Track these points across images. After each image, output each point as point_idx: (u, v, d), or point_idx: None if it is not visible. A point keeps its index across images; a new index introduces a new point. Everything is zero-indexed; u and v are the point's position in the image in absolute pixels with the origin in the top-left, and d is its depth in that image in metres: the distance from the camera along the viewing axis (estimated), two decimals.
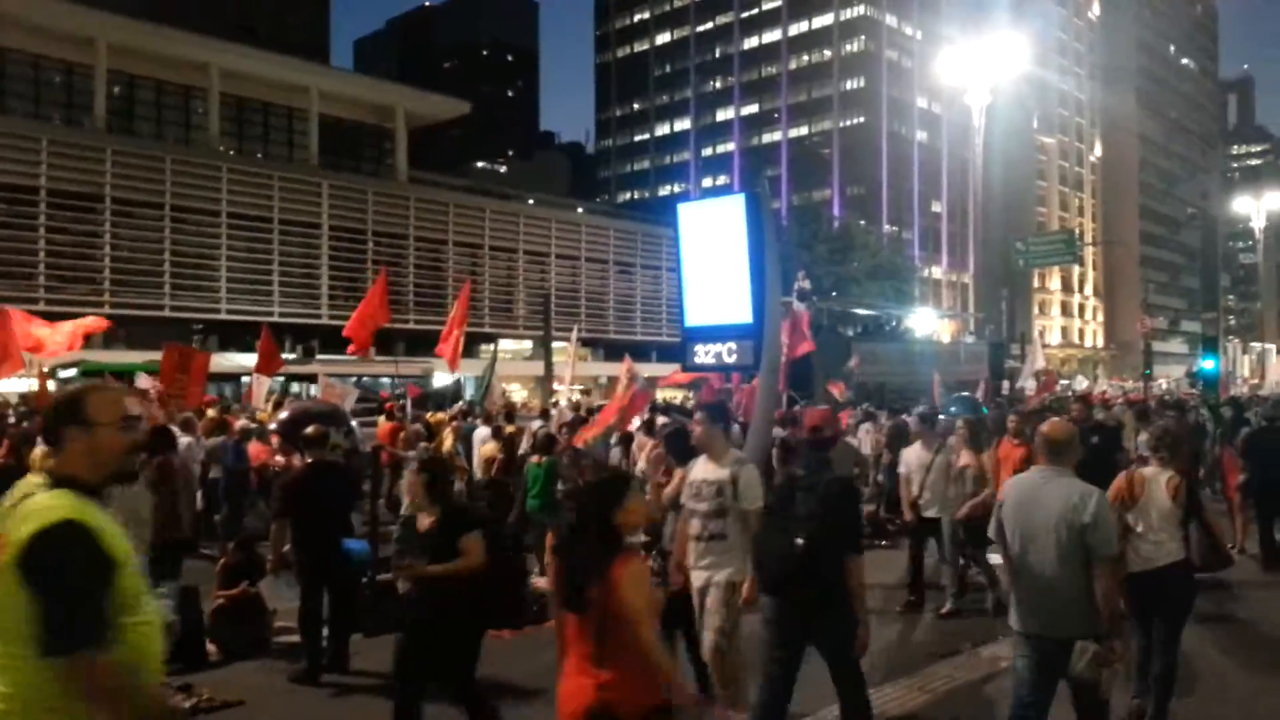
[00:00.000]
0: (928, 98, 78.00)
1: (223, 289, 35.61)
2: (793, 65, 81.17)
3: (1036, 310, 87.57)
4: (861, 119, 76.82)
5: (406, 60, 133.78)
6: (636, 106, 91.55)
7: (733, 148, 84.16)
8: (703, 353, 13.58)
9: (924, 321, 49.98)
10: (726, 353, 12.92)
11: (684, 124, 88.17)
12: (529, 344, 42.91)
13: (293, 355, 28.91)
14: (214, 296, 35.32)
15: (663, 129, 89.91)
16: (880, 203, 74.45)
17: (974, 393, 18.56)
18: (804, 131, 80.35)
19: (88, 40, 35.27)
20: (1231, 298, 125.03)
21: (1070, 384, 42.83)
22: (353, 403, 15.34)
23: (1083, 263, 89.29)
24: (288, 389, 25.05)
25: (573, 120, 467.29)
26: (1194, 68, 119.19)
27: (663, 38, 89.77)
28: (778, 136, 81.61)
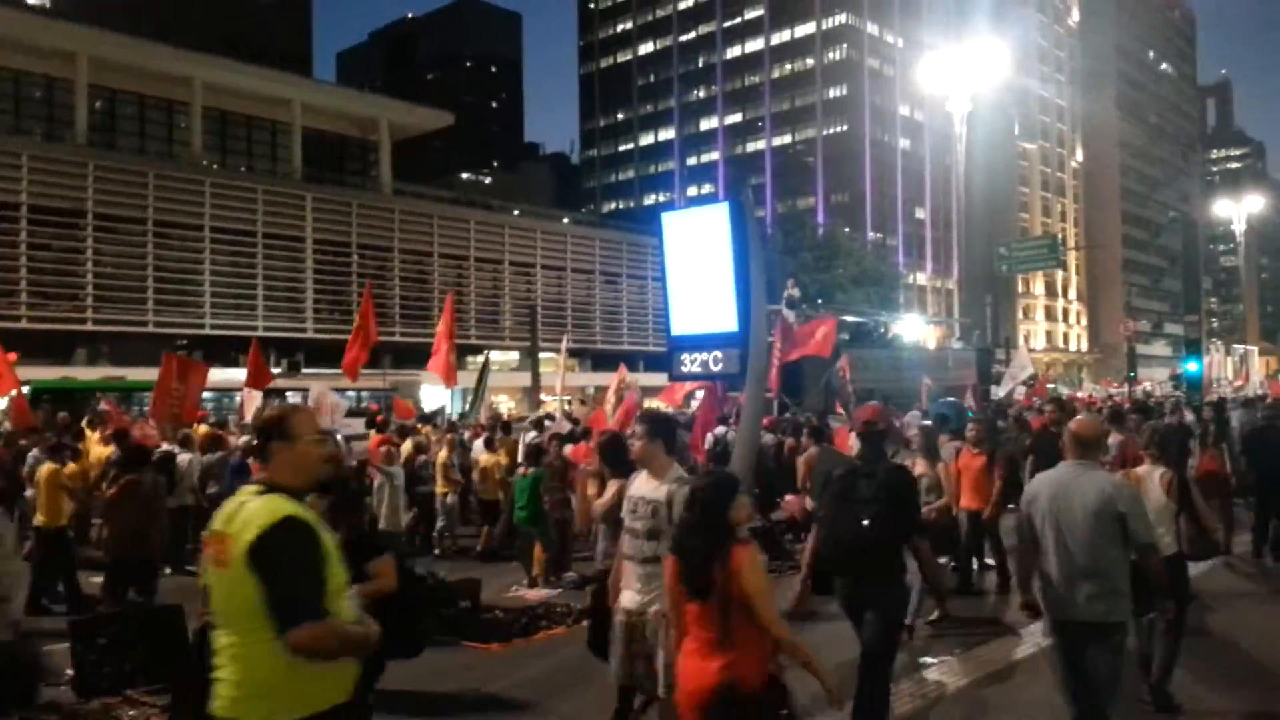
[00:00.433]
0: (910, 105, 78.49)
1: (207, 304, 35.41)
2: (775, 74, 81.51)
3: (1021, 315, 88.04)
4: (844, 127, 77.17)
5: (390, 72, 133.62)
6: (621, 116, 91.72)
7: (717, 157, 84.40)
8: (689, 362, 13.59)
9: (911, 327, 50.07)
10: (712, 361, 12.94)
11: (668, 133, 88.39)
12: (516, 355, 42.84)
13: (278, 369, 28.74)
14: (198, 312, 35.11)
15: (647, 139, 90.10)
16: (864, 210, 74.76)
17: (961, 398, 18.60)
18: (787, 140, 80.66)
19: (69, 55, 35.12)
20: (1214, 300, 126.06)
21: (1054, 388, 42.99)
22: (341, 416, 15.24)
23: (1066, 267, 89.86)
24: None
25: (557, 131, 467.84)
26: (1173, 72, 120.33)
27: (646, 48, 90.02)
28: (761, 145, 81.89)
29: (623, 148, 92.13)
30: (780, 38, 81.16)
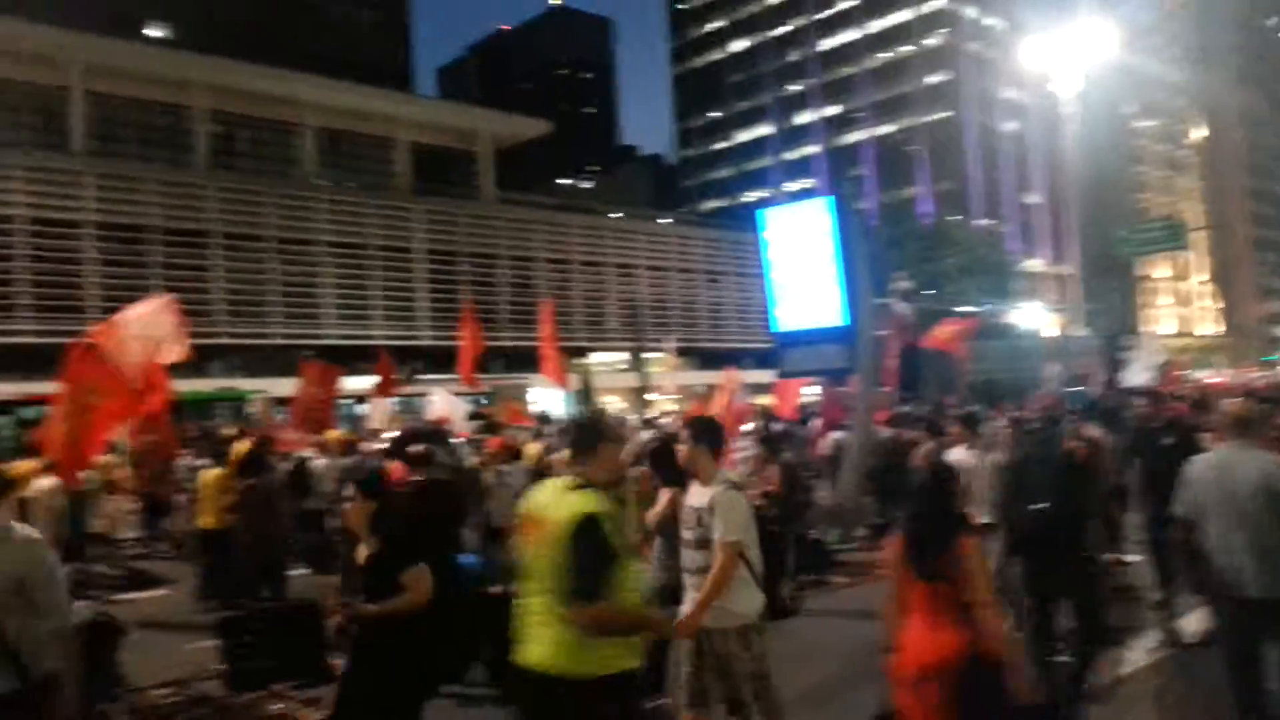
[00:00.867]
0: (1016, 87, 75.95)
1: (327, 315, 36.91)
2: (873, 63, 80.00)
3: (1147, 299, 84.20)
4: (946, 113, 75.19)
5: (487, 84, 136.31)
6: (716, 115, 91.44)
7: (815, 150, 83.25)
8: (796, 358, 13.44)
9: (1029, 316, 48.35)
10: (821, 356, 12.76)
11: (764, 129, 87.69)
12: (623, 356, 43.19)
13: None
14: (318, 323, 36.60)
15: (743, 136, 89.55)
16: (972, 197, 72.69)
17: (1086, 387, 17.89)
18: (888, 129, 79.03)
19: (188, 84, 36.91)
20: None
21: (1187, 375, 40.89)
22: (464, 420, 15.54)
23: (1192, 248, 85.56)
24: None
25: (652, 133, 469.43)
26: None
27: (738, 45, 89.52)
28: (861, 136, 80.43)
29: (719, 146, 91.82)
30: (875, 26, 79.63)
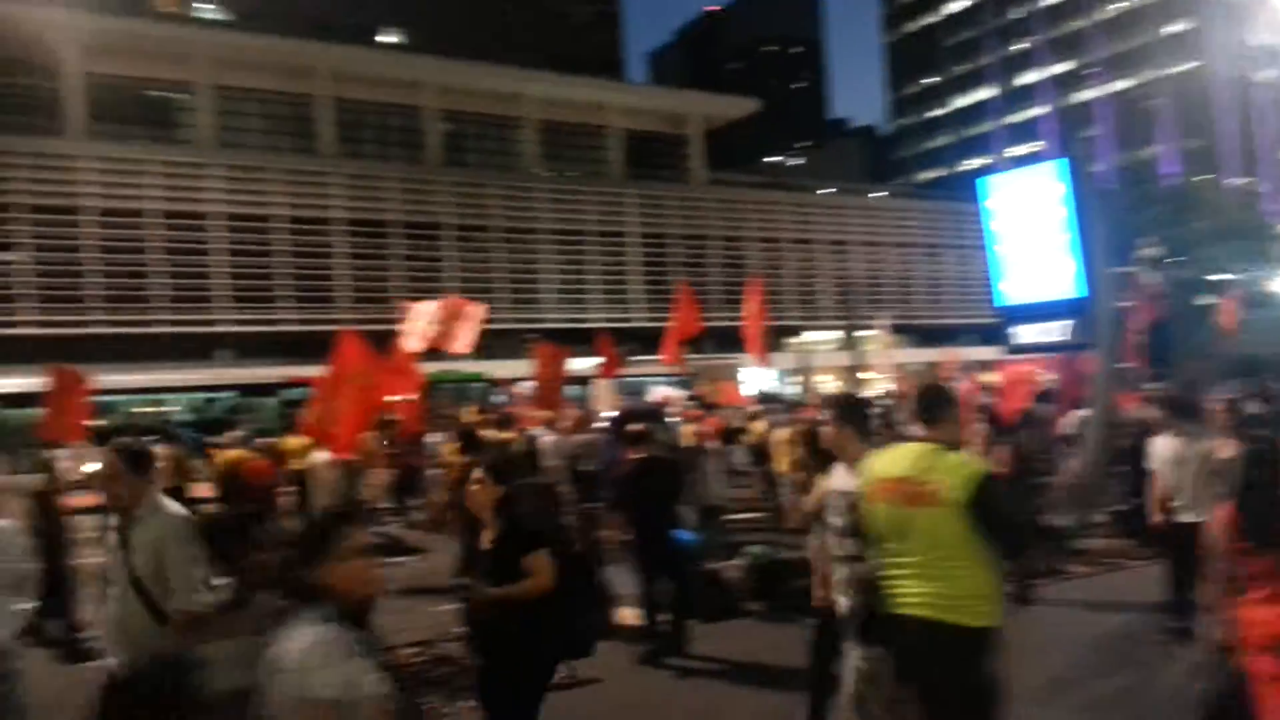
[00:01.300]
0: (1270, 32, 67.95)
1: (547, 300, 38.59)
2: (1105, 15, 73.97)
3: None
4: (1190, 64, 68.43)
5: (696, 67, 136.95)
6: (931, 80, 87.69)
7: (1040, 112, 78.06)
8: (1025, 333, 12.70)
9: None
10: (1053, 331, 11.98)
11: (984, 93, 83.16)
12: (836, 334, 42.51)
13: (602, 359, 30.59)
14: (539, 307, 38.30)
15: (961, 101, 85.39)
16: (1224, 155, 65.92)
17: None
18: (1124, 85, 72.92)
19: (418, 84, 39.35)
20: None
21: None
22: (685, 401, 15.80)
23: None
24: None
25: (864, 104, 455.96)
26: None
27: (953, 6, 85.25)
28: (1093, 94, 74.66)
29: (935, 113, 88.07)
30: None
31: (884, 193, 58.05)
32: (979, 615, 3.57)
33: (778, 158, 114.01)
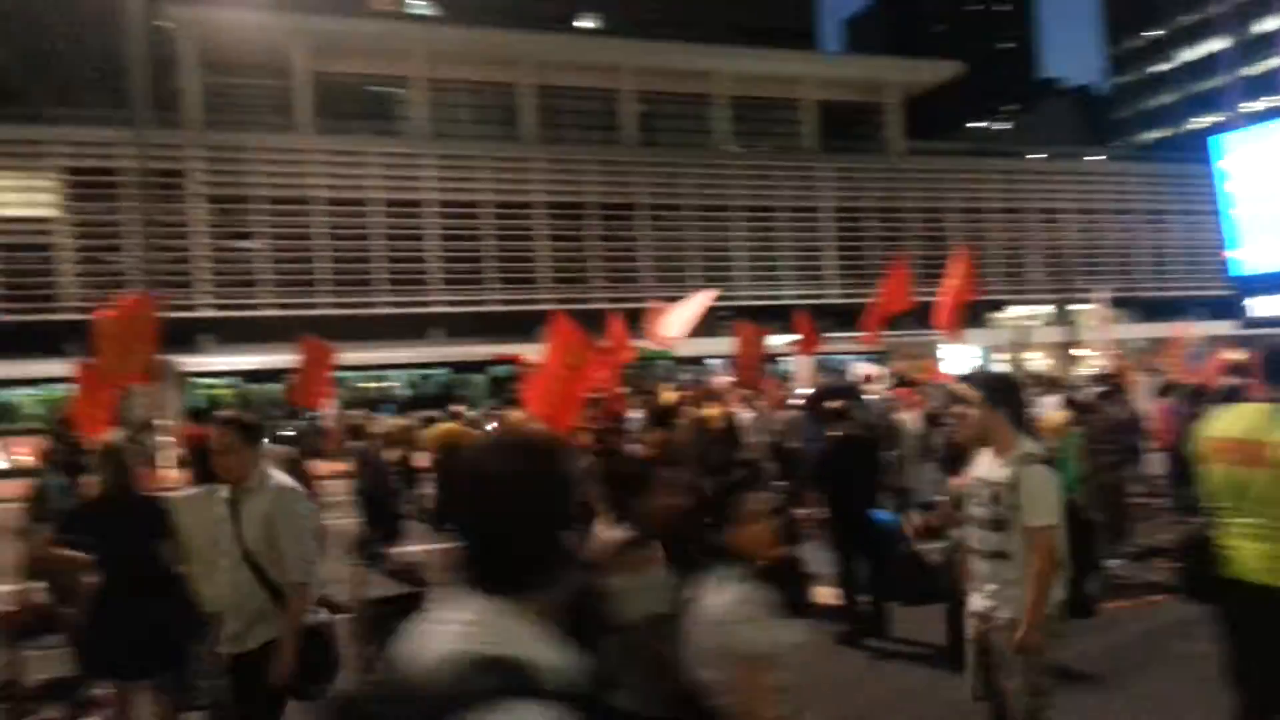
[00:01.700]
0: None
1: (740, 277, 38.64)
2: None
3: None
4: None
5: (897, 30, 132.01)
6: (1154, 33, 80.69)
7: None
8: (1263, 305, 11.64)
9: None
10: None
11: (1215, 44, 75.71)
12: (1046, 309, 40.23)
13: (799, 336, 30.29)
14: (733, 284, 38.44)
15: (1188, 54, 78.11)
16: None
17: None
18: None
19: (615, 67, 40.08)
20: None
21: None
22: (886, 379, 15.53)
23: None
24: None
25: (1077, 62, 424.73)
26: None
27: None
28: None
29: (1158, 68, 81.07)
30: None
31: (1101, 156, 54.10)
32: None
33: (982, 123, 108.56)
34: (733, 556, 2.82)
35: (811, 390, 12.93)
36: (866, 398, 14.02)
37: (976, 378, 4.67)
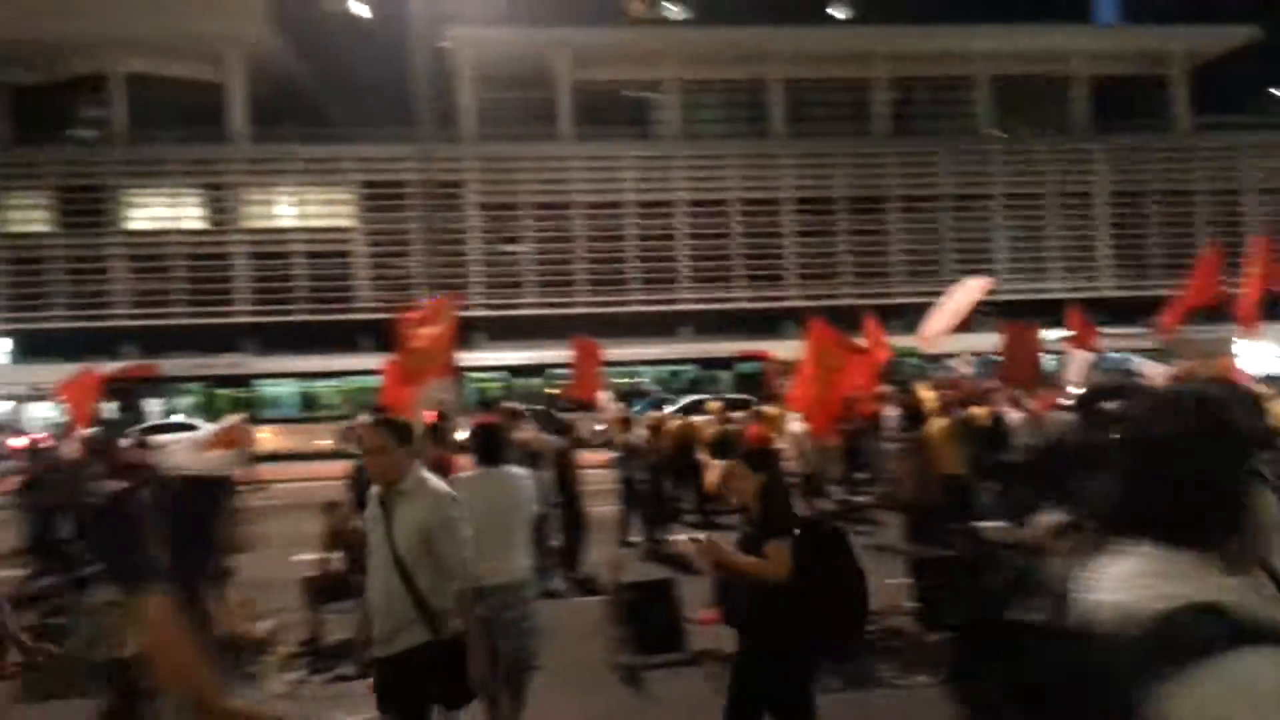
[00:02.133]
0: None
1: (1001, 269, 36.74)
2: None
3: None
4: None
5: None
6: None
7: None
8: None
9: None
10: None
11: None
12: None
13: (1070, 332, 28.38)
14: (992, 277, 36.63)
15: None
16: None
17: None
18: None
19: (868, 56, 39.13)
20: None
21: None
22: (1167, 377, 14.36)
23: None
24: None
25: None
26: None
27: None
28: None
29: None
30: None
31: None
32: None
33: None
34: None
35: (1084, 390, 12.17)
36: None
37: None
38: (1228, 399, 1.58)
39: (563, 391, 14.53)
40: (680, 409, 20.19)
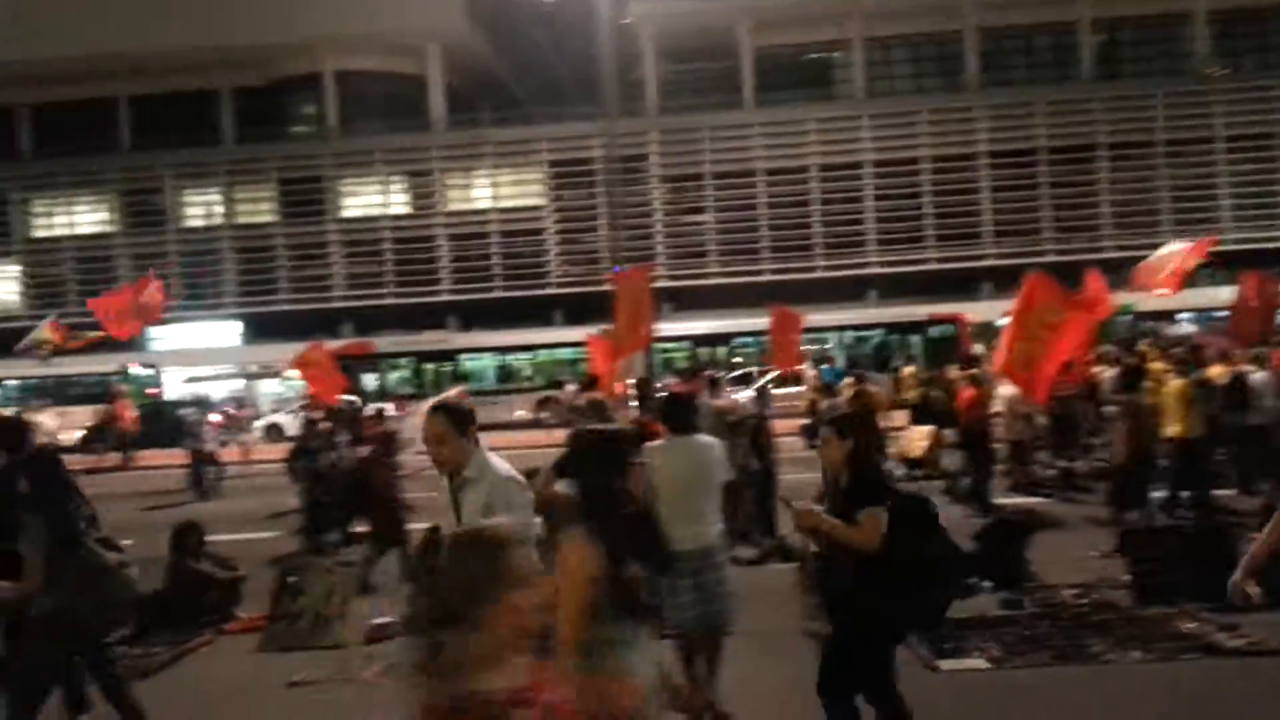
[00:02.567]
0: None
1: (1226, 218, 33.83)
2: None
3: None
4: None
5: None
6: None
7: None
8: None
9: None
10: None
11: None
12: None
13: None
14: (1216, 226, 33.75)
15: None
16: None
17: None
18: None
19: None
20: None
21: None
22: None
23: None
24: None
25: None
26: None
27: None
28: None
29: None
30: None
31: None
32: None
33: None
34: None
35: None
36: None
37: None
38: None
39: (766, 362, 14.61)
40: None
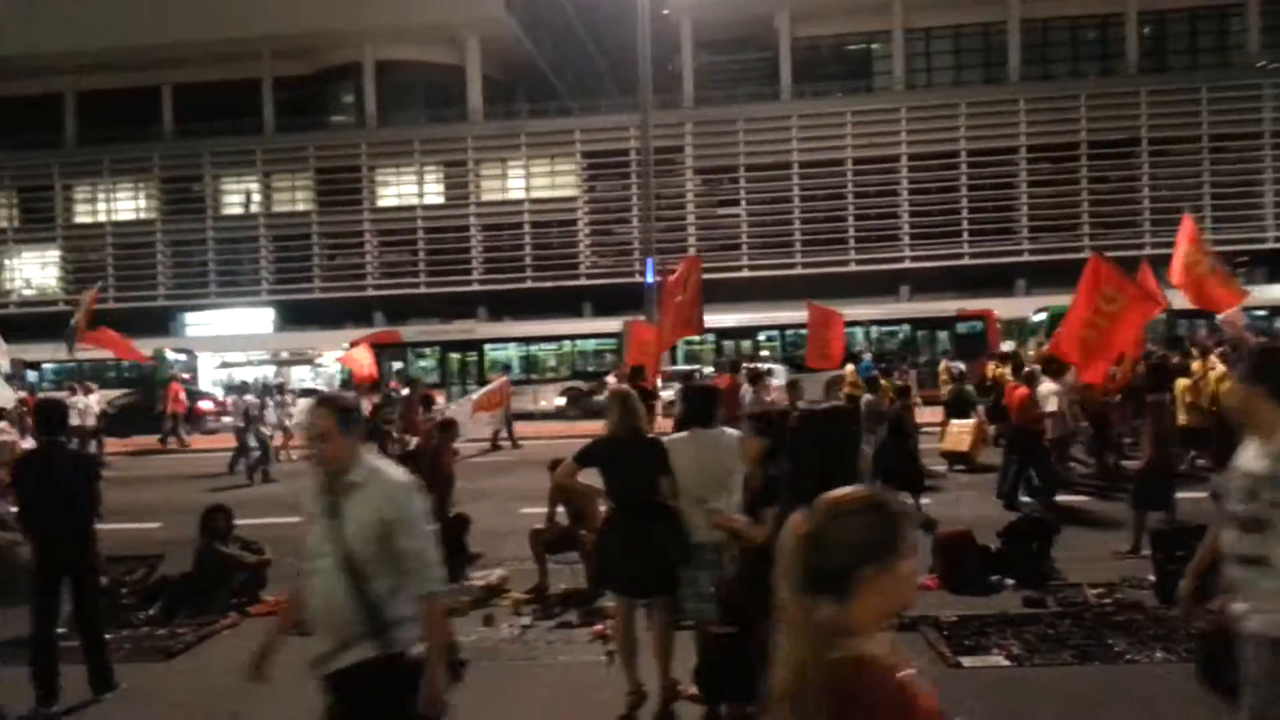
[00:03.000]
0: None
1: (1267, 214, 33.01)
2: None
3: None
4: None
5: None
6: None
7: None
8: None
9: None
10: None
11: None
12: None
13: None
14: (1258, 224, 32.99)
15: None
16: None
17: None
18: None
19: None
20: None
21: None
22: None
23: None
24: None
25: None
26: None
27: None
28: None
29: None
30: None
31: None
32: None
33: None
34: None
35: None
36: None
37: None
38: None
39: (805, 359, 14.51)
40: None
